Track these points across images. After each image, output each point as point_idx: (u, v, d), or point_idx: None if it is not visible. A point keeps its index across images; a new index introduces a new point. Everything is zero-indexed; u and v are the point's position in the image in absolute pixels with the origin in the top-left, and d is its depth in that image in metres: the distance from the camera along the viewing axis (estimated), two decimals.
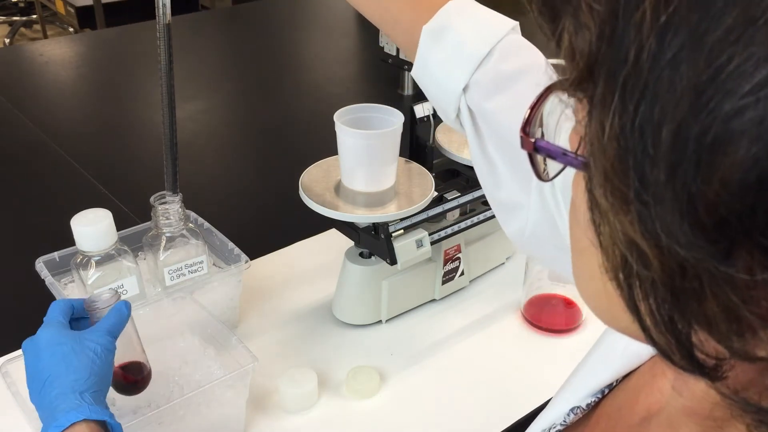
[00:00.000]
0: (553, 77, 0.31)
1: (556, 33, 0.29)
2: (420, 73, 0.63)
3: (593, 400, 0.47)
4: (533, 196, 0.58)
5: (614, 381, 0.46)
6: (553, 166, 0.34)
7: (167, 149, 0.81)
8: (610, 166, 0.26)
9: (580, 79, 0.27)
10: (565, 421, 0.47)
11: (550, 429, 0.48)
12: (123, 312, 0.67)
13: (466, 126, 0.62)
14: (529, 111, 0.33)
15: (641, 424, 0.41)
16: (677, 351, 0.28)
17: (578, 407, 0.47)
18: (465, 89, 0.60)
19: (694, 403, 0.35)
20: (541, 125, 0.34)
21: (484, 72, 0.60)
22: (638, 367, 0.45)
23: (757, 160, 0.22)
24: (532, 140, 0.32)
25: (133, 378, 0.71)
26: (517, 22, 0.61)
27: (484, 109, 0.60)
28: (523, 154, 0.33)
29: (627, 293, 0.28)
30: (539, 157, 0.33)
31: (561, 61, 0.31)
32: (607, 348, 0.48)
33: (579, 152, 0.30)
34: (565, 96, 0.30)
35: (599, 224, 0.28)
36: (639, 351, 0.44)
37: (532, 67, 0.60)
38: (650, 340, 0.29)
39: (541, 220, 0.58)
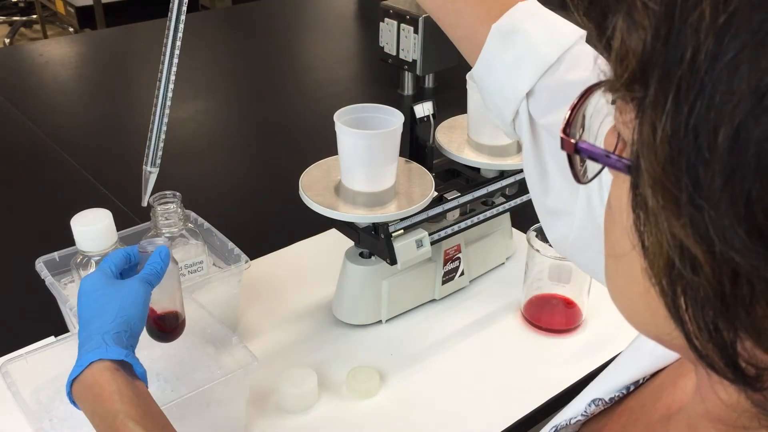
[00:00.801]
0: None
1: (603, 33, 0.28)
2: (482, 72, 0.62)
3: (617, 395, 0.47)
4: (580, 201, 0.57)
5: (641, 378, 0.46)
6: (591, 167, 0.34)
7: (158, 118, 0.77)
8: (661, 169, 0.25)
9: (632, 79, 0.26)
10: (586, 412, 0.47)
11: (570, 420, 0.48)
12: (157, 263, 0.69)
13: (523, 131, 0.61)
14: (569, 112, 0.32)
15: (660, 422, 0.42)
16: (721, 359, 0.27)
17: (600, 399, 0.47)
18: (528, 94, 0.59)
19: (719, 409, 0.34)
20: (582, 127, 0.33)
21: (550, 79, 0.58)
22: (665, 367, 0.45)
23: None
24: (573, 141, 0.31)
25: (165, 327, 0.74)
26: (585, 31, 0.61)
27: (546, 117, 0.59)
28: None
29: (671, 298, 0.28)
30: (578, 159, 0.33)
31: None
32: (637, 345, 0.48)
33: (623, 154, 0.29)
34: (610, 97, 0.29)
35: (645, 227, 0.28)
36: (667, 351, 0.44)
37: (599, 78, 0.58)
38: (693, 347, 0.28)
39: (587, 225, 0.57)
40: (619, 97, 0.28)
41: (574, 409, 0.48)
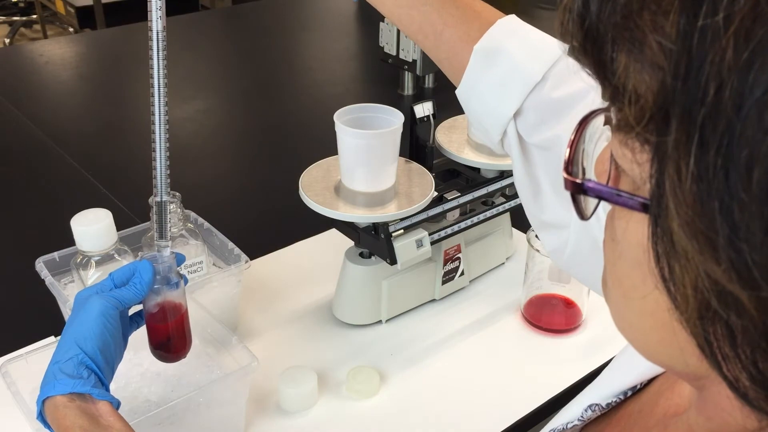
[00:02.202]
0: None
1: (602, 70, 0.27)
2: (467, 94, 0.62)
3: (614, 400, 0.46)
4: (575, 217, 0.57)
5: (638, 384, 0.46)
6: (593, 200, 0.33)
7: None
8: (692, 211, 0.24)
9: (649, 119, 0.25)
10: (582, 417, 0.47)
11: (567, 424, 0.47)
12: (136, 281, 0.65)
13: (513, 150, 0.61)
14: (569, 149, 0.31)
15: (657, 427, 0.41)
16: (762, 396, 0.26)
17: (597, 405, 0.46)
18: (516, 114, 0.59)
19: (724, 428, 0.34)
20: (583, 162, 0.33)
21: (537, 98, 0.58)
22: (663, 372, 0.45)
23: None
24: (579, 181, 0.30)
25: (163, 350, 0.71)
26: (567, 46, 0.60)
27: (536, 135, 0.58)
28: None
29: (704, 338, 0.27)
30: (581, 197, 0.32)
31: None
32: (632, 350, 0.48)
33: (622, 187, 0.29)
34: (608, 132, 0.28)
35: (673, 268, 0.26)
36: None
37: (586, 93, 0.58)
38: (731, 386, 0.27)
39: (583, 240, 0.57)
40: (633, 138, 0.27)
41: (571, 414, 0.48)
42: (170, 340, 0.70)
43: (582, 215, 0.33)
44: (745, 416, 0.29)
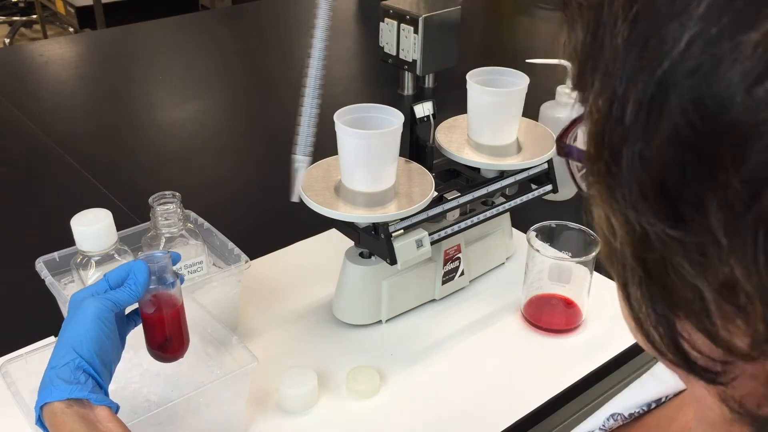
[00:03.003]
0: None
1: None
2: None
3: (637, 411, 0.47)
4: None
5: (663, 397, 0.46)
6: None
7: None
8: (593, 147, 0.29)
9: (578, 73, 0.30)
10: (604, 426, 0.47)
11: None
12: (131, 282, 0.65)
13: None
14: (570, 123, 0.35)
15: None
16: (666, 343, 0.29)
17: (619, 414, 0.47)
18: None
19: (715, 429, 0.35)
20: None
21: None
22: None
23: (684, 111, 0.24)
24: (563, 144, 0.34)
25: (161, 351, 0.71)
26: None
27: None
28: None
29: (623, 285, 0.30)
30: (577, 171, 0.36)
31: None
32: (661, 365, 0.48)
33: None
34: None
35: (595, 215, 0.30)
36: None
37: None
38: (644, 335, 0.30)
39: None
40: (580, 97, 0.31)
41: (593, 423, 0.48)
42: (168, 340, 0.70)
43: (578, 185, 0.36)
44: (719, 405, 0.31)
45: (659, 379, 0.47)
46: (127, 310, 0.69)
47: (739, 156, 0.23)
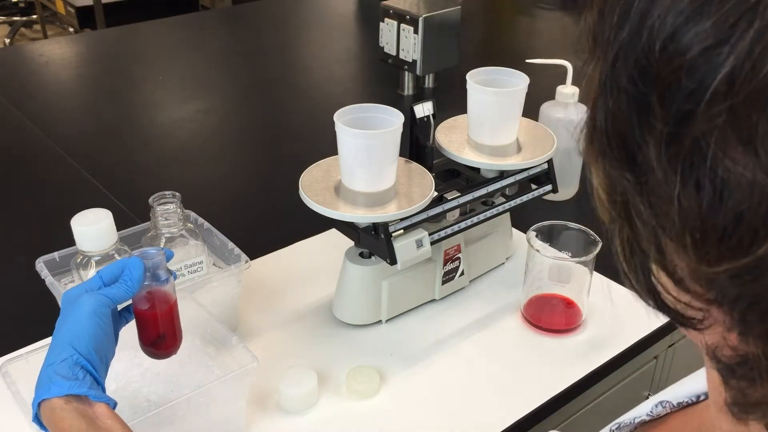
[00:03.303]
0: None
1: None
2: None
3: (686, 401, 0.48)
4: None
5: None
6: None
7: None
8: (589, 110, 0.32)
9: (592, 50, 0.32)
10: (651, 413, 0.48)
11: (634, 419, 0.49)
12: (126, 278, 0.65)
13: None
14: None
15: (702, 428, 0.43)
16: (646, 290, 0.33)
17: (668, 401, 0.48)
18: None
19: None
20: None
21: None
22: None
23: (627, 66, 0.29)
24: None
25: (154, 348, 0.70)
26: None
27: None
28: None
29: (620, 247, 0.34)
30: None
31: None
32: None
33: None
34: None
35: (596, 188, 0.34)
36: None
37: None
38: (634, 287, 0.34)
39: None
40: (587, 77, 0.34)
41: (641, 410, 0.49)
42: (161, 336, 0.70)
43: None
44: (715, 391, 0.33)
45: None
46: (119, 307, 0.69)
47: (662, 100, 0.28)
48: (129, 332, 0.70)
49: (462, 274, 1.01)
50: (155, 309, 0.68)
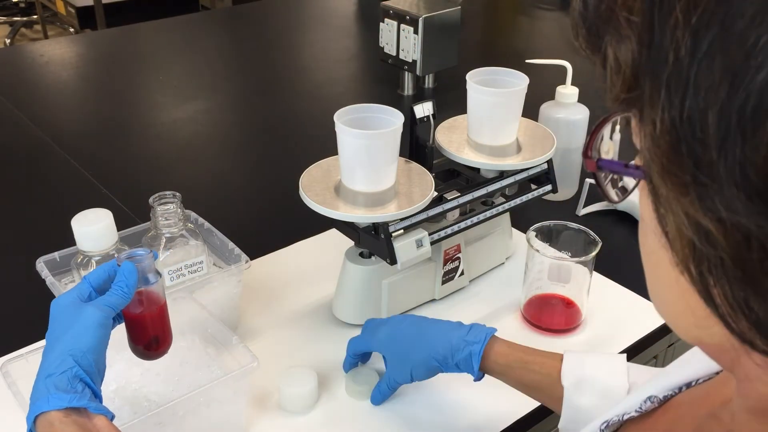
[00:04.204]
0: None
1: (599, 56, 0.32)
2: (572, 425, 0.70)
3: (671, 393, 0.48)
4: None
5: (694, 381, 0.48)
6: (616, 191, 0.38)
7: None
8: (666, 159, 0.28)
9: (629, 87, 0.30)
10: (640, 408, 0.49)
11: (623, 415, 0.49)
12: (121, 283, 0.65)
13: None
14: (589, 137, 0.36)
15: (706, 417, 0.43)
16: (757, 333, 0.29)
17: (655, 396, 0.49)
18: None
19: (761, 404, 0.36)
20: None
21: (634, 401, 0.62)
22: (720, 371, 0.47)
23: None
24: (594, 160, 0.35)
25: (147, 349, 0.70)
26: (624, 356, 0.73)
27: None
28: None
29: (699, 282, 0.30)
30: (603, 177, 0.37)
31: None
32: (695, 349, 0.49)
33: (637, 162, 0.32)
34: (618, 115, 0.33)
35: (665, 217, 0.30)
36: None
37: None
38: (730, 328, 0.30)
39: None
40: (622, 108, 0.31)
41: (627, 405, 0.49)
42: (154, 337, 0.70)
43: (608, 197, 0.37)
44: (765, 383, 0.32)
45: (692, 363, 0.49)
46: None
47: None
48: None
49: (462, 274, 1.01)
50: (147, 311, 0.68)
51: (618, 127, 0.36)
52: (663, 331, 0.97)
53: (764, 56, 0.25)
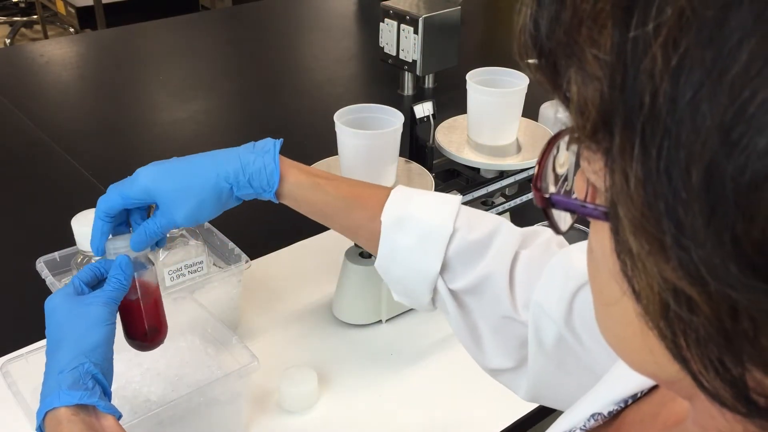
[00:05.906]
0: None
1: (557, 86, 0.28)
2: (387, 264, 0.66)
3: (615, 408, 0.46)
4: (531, 348, 0.61)
5: (638, 392, 0.46)
6: (565, 217, 0.33)
7: None
8: (640, 214, 0.25)
9: (595, 129, 0.26)
10: (585, 426, 0.46)
11: None
12: (119, 276, 0.64)
13: (448, 305, 0.64)
14: (537, 166, 0.32)
15: None
16: (731, 395, 0.26)
17: (599, 414, 0.46)
18: (441, 270, 0.62)
19: None
20: (556, 181, 0.33)
21: (456, 248, 0.62)
22: None
23: None
24: (546, 196, 0.31)
25: (144, 340, 0.70)
26: (459, 197, 0.66)
27: (464, 281, 0.62)
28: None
29: (672, 340, 0.27)
30: (554, 211, 0.32)
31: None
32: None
33: (597, 202, 0.29)
34: (574, 147, 0.29)
35: (633, 272, 0.27)
36: None
37: (499, 224, 0.63)
38: (700, 385, 0.27)
39: (544, 369, 0.61)
40: (585, 147, 0.28)
41: (572, 421, 0.48)
42: (150, 326, 0.70)
43: (557, 229, 0.33)
44: (734, 422, 0.29)
45: (633, 373, 0.47)
46: None
47: None
48: None
49: None
50: (143, 299, 0.68)
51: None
52: None
53: (763, 115, 0.22)
